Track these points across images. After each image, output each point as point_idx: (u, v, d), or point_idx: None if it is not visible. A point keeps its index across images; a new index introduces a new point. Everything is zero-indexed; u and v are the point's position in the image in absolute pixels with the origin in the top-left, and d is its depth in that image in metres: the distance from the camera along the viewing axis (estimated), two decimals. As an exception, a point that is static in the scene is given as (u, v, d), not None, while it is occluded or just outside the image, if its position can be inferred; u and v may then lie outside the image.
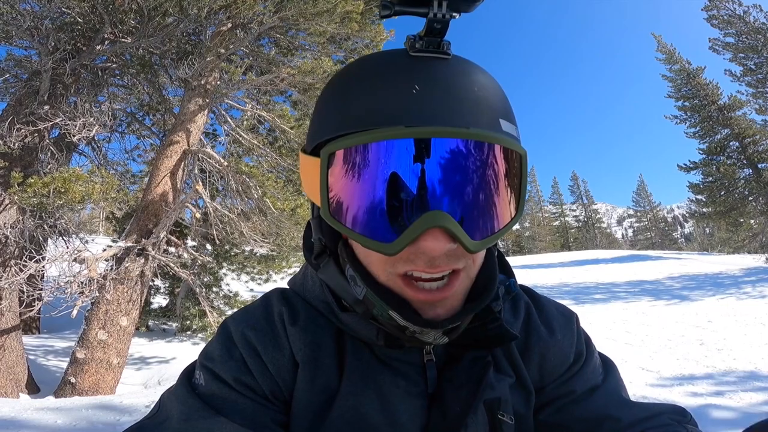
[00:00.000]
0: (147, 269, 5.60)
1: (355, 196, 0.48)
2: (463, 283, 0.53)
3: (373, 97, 0.48)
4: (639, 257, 22.55)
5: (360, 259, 0.54)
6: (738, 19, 17.03)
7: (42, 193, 4.61)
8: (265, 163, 8.12)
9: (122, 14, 5.38)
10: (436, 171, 0.46)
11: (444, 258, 0.48)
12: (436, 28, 0.49)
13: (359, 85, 0.50)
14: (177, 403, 0.56)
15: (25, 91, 5.71)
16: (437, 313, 0.52)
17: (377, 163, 0.47)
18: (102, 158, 8.09)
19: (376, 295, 0.52)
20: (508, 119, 0.51)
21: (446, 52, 0.50)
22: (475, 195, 0.48)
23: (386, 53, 0.53)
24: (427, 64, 0.49)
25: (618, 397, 0.64)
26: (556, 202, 59.68)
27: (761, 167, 17.96)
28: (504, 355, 0.64)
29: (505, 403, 0.59)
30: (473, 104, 0.48)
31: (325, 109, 0.54)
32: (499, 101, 0.51)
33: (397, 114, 0.46)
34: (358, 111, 0.48)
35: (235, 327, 0.61)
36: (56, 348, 7.41)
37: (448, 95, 0.47)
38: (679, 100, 21.09)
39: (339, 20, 6.38)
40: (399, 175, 0.46)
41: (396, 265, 0.50)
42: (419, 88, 0.47)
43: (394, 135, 0.45)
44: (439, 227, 0.46)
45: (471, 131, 0.46)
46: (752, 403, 4.01)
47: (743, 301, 9.24)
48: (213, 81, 6.75)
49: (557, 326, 0.69)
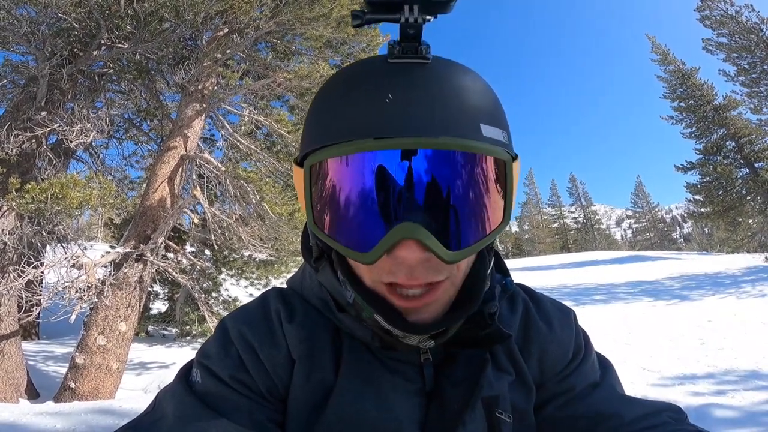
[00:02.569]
0: (146, 275, 5.60)
1: (333, 207, 0.49)
2: (446, 292, 0.53)
3: (350, 108, 0.48)
4: (638, 258, 22.57)
5: (349, 263, 0.55)
6: (730, 19, 17.11)
7: (40, 199, 4.60)
8: (263, 167, 8.13)
9: (118, 20, 5.38)
10: (409, 182, 0.45)
11: (422, 269, 0.48)
12: (410, 33, 0.47)
13: (338, 96, 0.50)
14: (173, 401, 0.56)
15: (23, 97, 5.72)
16: (422, 317, 0.52)
17: (352, 175, 0.47)
18: (100, 164, 8.10)
19: (363, 299, 0.52)
20: (492, 123, 0.49)
21: (425, 56, 0.48)
22: (450, 205, 0.47)
23: (366, 61, 0.52)
24: (405, 71, 0.48)
25: (618, 394, 0.65)
26: (554, 204, 59.75)
27: (758, 166, 18.01)
28: (503, 352, 0.64)
29: (503, 401, 0.59)
30: (449, 111, 0.46)
31: (309, 120, 0.53)
32: (483, 105, 0.49)
33: (368, 126, 0.45)
34: (337, 122, 0.48)
35: (232, 325, 0.61)
36: (56, 353, 7.39)
37: (420, 103, 0.46)
38: (674, 101, 21.18)
39: (335, 24, 6.42)
40: (373, 187, 0.46)
41: (380, 274, 0.50)
42: (392, 97, 0.46)
43: (363, 148, 0.45)
44: (411, 239, 0.45)
45: (439, 140, 0.44)
46: (754, 402, 3.98)
47: (743, 300, 9.24)
48: (210, 86, 6.77)
49: (556, 322, 0.69)
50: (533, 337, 0.66)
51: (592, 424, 0.60)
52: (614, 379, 0.68)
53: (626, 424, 0.58)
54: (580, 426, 0.61)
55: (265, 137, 8.76)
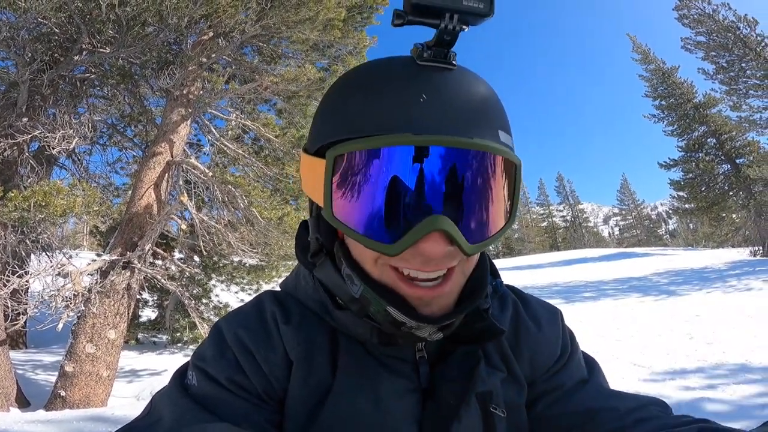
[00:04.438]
0: (133, 282, 5.52)
1: (359, 198, 0.50)
2: (457, 281, 0.54)
3: (381, 104, 0.49)
4: (626, 255, 22.91)
5: (354, 257, 0.56)
6: (708, 17, 17.48)
7: (23, 207, 4.51)
8: (251, 172, 8.07)
9: (100, 24, 5.30)
10: (439, 178, 0.48)
11: (440, 259, 0.50)
12: (446, 39, 0.50)
13: (367, 91, 0.51)
14: (169, 404, 0.56)
15: (3, 104, 5.59)
16: (432, 310, 0.53)
17: (383, 168, 0.48)
18: (83, 171, 7.96)
19: (373, 291, 0.53)
20: (505, 130, 0.53)
21: (452, 62, 0.51)
22: (474, 201, 0.50)
23: (394, 60, 0.54)
24: (434, 74, 0.51)
25: (606, 389, 0.67)
26: (543, 204, 60.44)
27: (739, 162, 18.44)
28: (495, 350, 0.66)
29: (496, 397, 0.61)
30: (476, 115, 0.50)
31: (330, 111, 0.55)
32: (498, 113, 0.53)
33: (405, 122, 0.48)
34: (366, 116, 0.50)
35: (227, 328, 0.61)
36: (44, 362, 7.28)
37: (453, 106, 0.49)
38: (656, 99, 21.63)
39: (321, 27, 6.40)
40: (403, 180, 0.48)
41: (389, 260, 0.51)
42: (426, 97, 0.48)
43: (402, 141, 0.47)
44: (439, 230, 0.47)
45: (474, 141, 0.47)
46: (745, 395, 4.04)
47: (729, 294, 9.41)
48: (195, 90, 6.70)
49: (544, 321, 0.71)
50: (523, 336, 0.69)
51: (583, 420, 0.62)
52: (601, 376, 0.70)
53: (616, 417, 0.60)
54: (570, 422, 0.62)
55: (252, 141, 8.70)
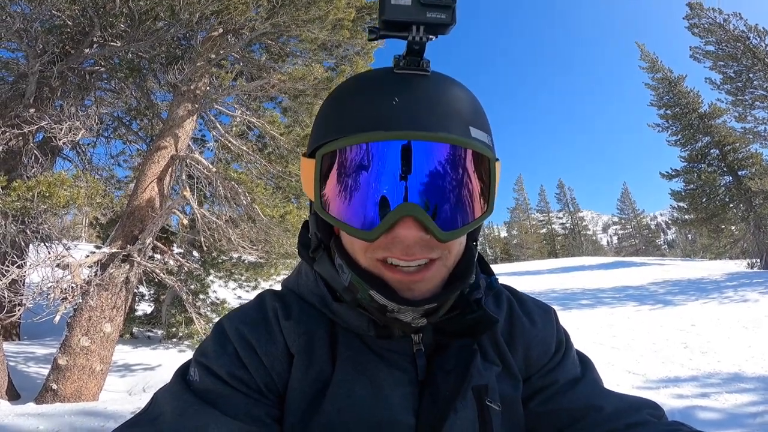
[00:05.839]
0: (132, 276, 5.51)
1: (341, 190, 0.55)
2: (438, 271, 0.57)
3: (361, 108, 0.55)
4: (624, 264, 22.84)
5: (346, 248, 0.60)
6: (718, 27, 17.36)
7: (26, 197, 4.52)
8: (254, 169, 8.09)
9: (113, 18, 5.32)
10: (411, 169, 0.52)
11: (418, 247, 0.54)
12: (415, 49, 0.55)
13: (351, 98, 0.57)
14: (171, 399, 0.57)
15: (11, 94, 5.62)
16: (413, 295, 0.56)
17: (361, 162, 0.53)
18: (87, 163, 7.98)
19: (358, 277, 0.57)
20: (478, 127, 0.56)
21: (425, 69, 0.57)
22: (445, 191, 0.54)
23: (375, 71, 0.60)
24: (408, 80, 0.56)
25: (599, 387, 0.70)
26: (543, 210, 60.32)
27: (741, 174, 18.39)
28: (491, 345, 0.68)
29: (492, 391, 0.62)
30: (446, 113, 0.54)
31: (322, 117, 0.60)
32: (471, 111, 0.57)
33: (378, 121, 0.52)
34: (346, 119, 0.55)
35: (229, 324, 0.63)
36: (37, 355, 7.21)
37: (423, 105, 0.53)
38: (661, 108, 21.56)
39: (330, 27, 6.42)
40: (378, 173, 0.53)
41: (375, 251, 0.55)
42: (398, 99, 0.53)
43: (374, 138, 0.51)
44: (411, 216, 0.52)
45: (439, 135, 0.51)
46: (737, 404, 4.07)
47: (725, 305, 9.41)
48: (203, 86, 6.72)
49: (538, 318, 0.74)
50: (518, 331, 0.71)
51: (576, 417, 0.64)
52: (595, 374, 0.72)
53: (608, 415, 0.62)
54: (564, 419, 0.65)
55: (257, 138, 8.70)
